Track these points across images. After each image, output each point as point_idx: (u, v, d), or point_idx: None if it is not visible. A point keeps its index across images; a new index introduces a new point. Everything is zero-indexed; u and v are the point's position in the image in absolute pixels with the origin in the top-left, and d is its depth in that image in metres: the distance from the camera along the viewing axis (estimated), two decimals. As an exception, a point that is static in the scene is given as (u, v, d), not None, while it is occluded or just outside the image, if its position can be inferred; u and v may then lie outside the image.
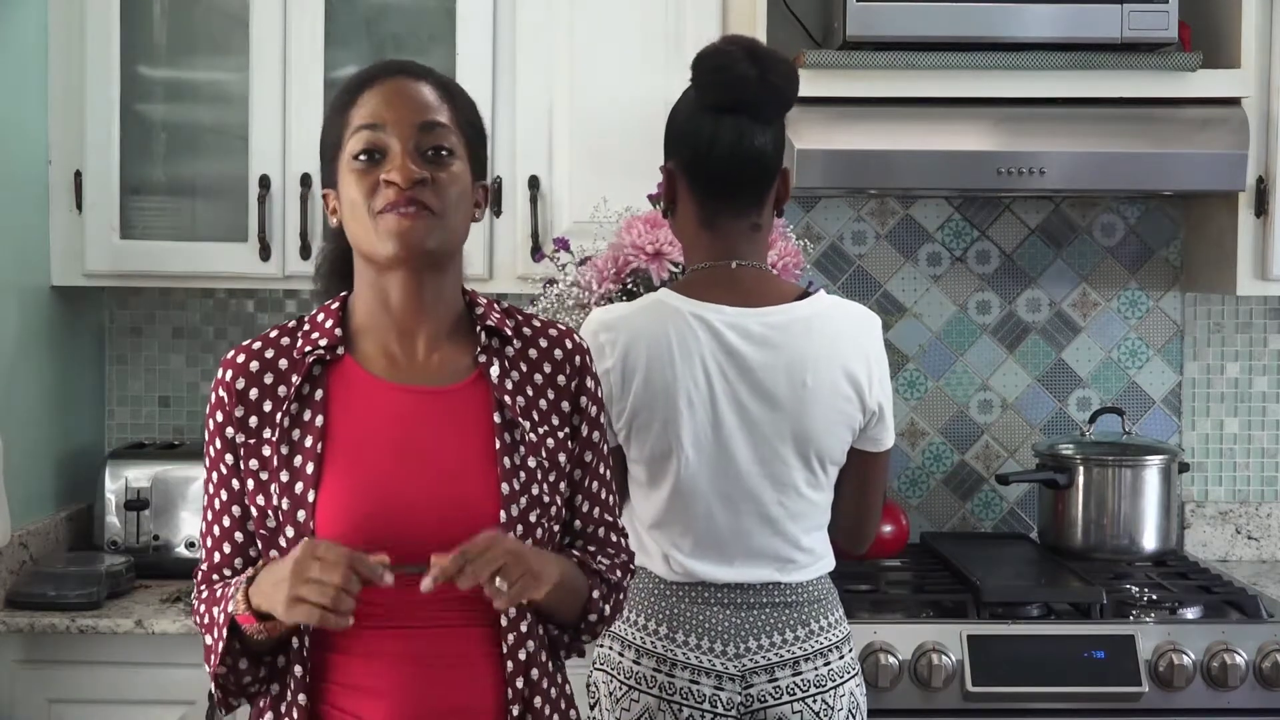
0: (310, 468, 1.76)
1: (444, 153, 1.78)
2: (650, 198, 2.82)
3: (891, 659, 2.68)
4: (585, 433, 1.89)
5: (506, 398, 1.81)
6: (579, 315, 2.71)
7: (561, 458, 1.85)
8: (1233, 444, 3.44)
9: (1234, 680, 2.70)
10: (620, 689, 2.20)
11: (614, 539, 1.95)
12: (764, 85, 2.16)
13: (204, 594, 1.83)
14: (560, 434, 1.85)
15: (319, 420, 1.78)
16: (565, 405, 1.87)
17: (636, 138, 3.02)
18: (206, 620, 1.80)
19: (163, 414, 3.42)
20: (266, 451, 1.79)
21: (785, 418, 2.18)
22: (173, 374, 3.43)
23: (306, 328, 1.85)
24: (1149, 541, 3.16)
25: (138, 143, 3.10)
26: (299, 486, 1.76)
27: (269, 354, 1.82)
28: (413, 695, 1.75)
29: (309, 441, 1.77)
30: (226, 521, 1.82)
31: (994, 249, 3.43)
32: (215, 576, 1.83)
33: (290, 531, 1.75)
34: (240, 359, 1.82)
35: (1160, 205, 3.42)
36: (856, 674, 2.27)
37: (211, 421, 1.82)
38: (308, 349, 1.81)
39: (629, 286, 2.69)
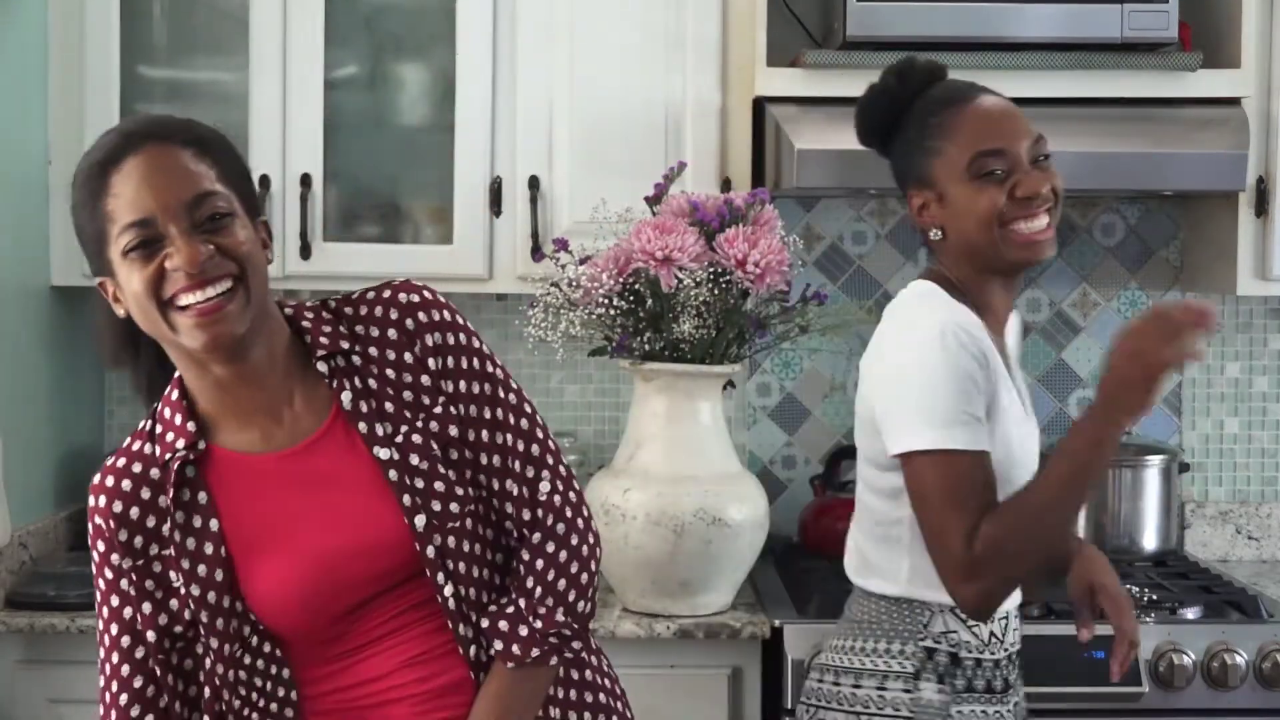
0: (220, 574, 1.70)
1: (221, 218, 1.67)
2: (647, 199, 2.82)
3: (891, 659, 2.67)
4: (465, 388, 1.76)
5: (361, 424, 1.71)
6: (572, 314, 2.71)
7: (453, 430, 1.74)
8: (1233, 444, 3.44)
9: (1234, 680, 2.70)
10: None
11: (548, 519, 1.79)
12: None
13: None
14: (437, 409, 1.74)
15: (213, 524, 1.71)
16: (425, 379, 1.75)
17: (636, 138, 3.03)
18: None
19: (163, 414, 3.42)
20: (158, 568, 1.72)
21: (861, 402, 2.18)
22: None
23: (159, 429, 1.75)
24: (1149, 541, 3.16)
25: (138, 143, 3.10)
26: (211, 596, 1.70)
27: (136, 468, 1.73)
28: (413, 677, 1.74)
29: (209, 549, 1.71)
30: (140, 653, 1.76)
31: (994, 249, 3.42)
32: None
33: (214, 642, 1.71)
34: (110, 481, 1.74)
35: (1160, 205, 3.42)
36: (835, 708, 2.15)
37: (95, 554, 1.75)
38: (168, 455, 1.72)
39: (632, 285, 2.69)
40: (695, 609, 2.78)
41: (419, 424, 1.73)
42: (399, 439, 1.72)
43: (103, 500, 1.73)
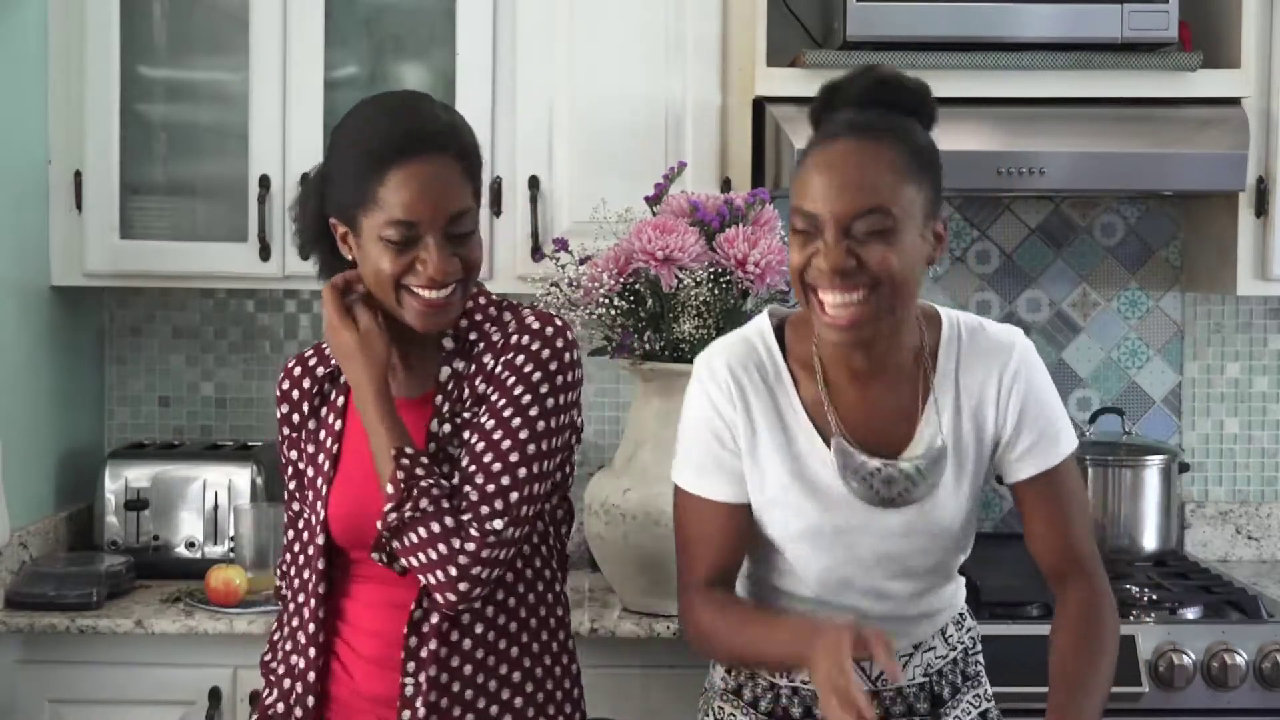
0: (327, 465, 2.01)
1: (468, 233, 1.92)
2: (647, 199, 2.82)
3: (891, 659, 2.67)
4: (496, 399, 1.93)
5: (446, 406, 1.97)
6: (573, 314, 2.71)
7: (467, 433, 1.95)
8: (1233, 444, 3.44)
9: (1234, 680, 2.70)
10: None
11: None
12: None
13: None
14: (468, 412, 1.96)
15: (338, 424, 2.03)
16: (483, 386, 1.95)
17: (636, 138, 3.02)
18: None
19: (163, 414, 3.42)
20: (294, 453, 2.09)
21: None
22: (173, 374, 3.43)
23: None
24: (1149, 541, 3.16)
25: (138, 143, 3.10)
26: (320, 481, 2.01)
27: (317, 369, 2.07)
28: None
29: (329, 443, 2.02)
30: (293, 503, 2.10)
31: (994, 249, 3.43)
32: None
33: (310, 518, 2.03)
34: (296, 370, 2.09)
35: (1160, 205, 3.43)
36: None
37: (280, 432, 2.11)
38: (328, 366, 2.07)
39: (632, 285, 2.69)
40: (695, 609, 2.78)
41: (463, 415, 1.95)
42: (453, 435, 1.95)
43: (286, 382, 2.09)
